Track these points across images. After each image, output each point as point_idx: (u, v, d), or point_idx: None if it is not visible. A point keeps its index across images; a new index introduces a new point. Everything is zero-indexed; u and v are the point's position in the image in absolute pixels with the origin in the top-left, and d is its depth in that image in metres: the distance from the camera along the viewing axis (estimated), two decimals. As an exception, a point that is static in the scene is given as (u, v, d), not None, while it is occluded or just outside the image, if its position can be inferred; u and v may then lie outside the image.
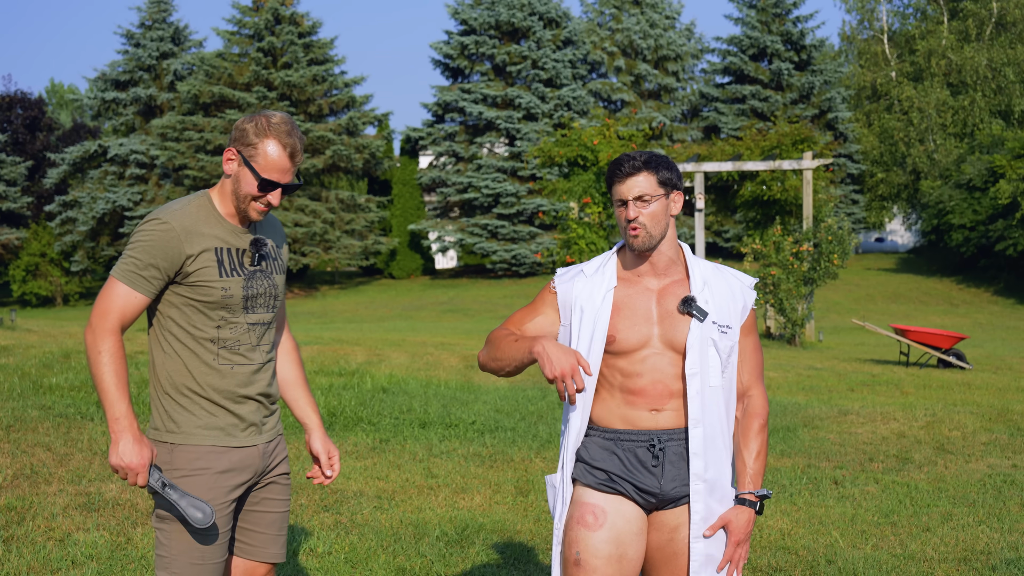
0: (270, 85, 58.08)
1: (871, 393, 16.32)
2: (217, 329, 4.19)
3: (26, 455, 9.49)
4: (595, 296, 4.30)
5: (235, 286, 4.18)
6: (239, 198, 4.18)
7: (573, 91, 61.09)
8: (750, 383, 4.38)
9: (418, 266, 64.77)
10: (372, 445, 11.03)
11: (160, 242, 4.08)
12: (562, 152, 28.44)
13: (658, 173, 4.24)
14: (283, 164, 4.14)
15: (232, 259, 4.20)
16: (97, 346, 4.08)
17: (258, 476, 4.31)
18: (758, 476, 4.30)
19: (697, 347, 4.21)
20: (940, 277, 57.10)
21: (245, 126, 4.16)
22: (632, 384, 4.26)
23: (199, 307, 4.16)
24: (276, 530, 4.40)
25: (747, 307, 4.36)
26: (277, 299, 4.34)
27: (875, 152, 68.36)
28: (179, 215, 4.15)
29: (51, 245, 59.74)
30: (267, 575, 4.44)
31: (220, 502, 4.16)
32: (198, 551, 4.14)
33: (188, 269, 4.11)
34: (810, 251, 28.12)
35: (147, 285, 4.10)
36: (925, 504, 9.07)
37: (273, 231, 4.44)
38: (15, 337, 19.79)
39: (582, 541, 4.21)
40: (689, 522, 4.25)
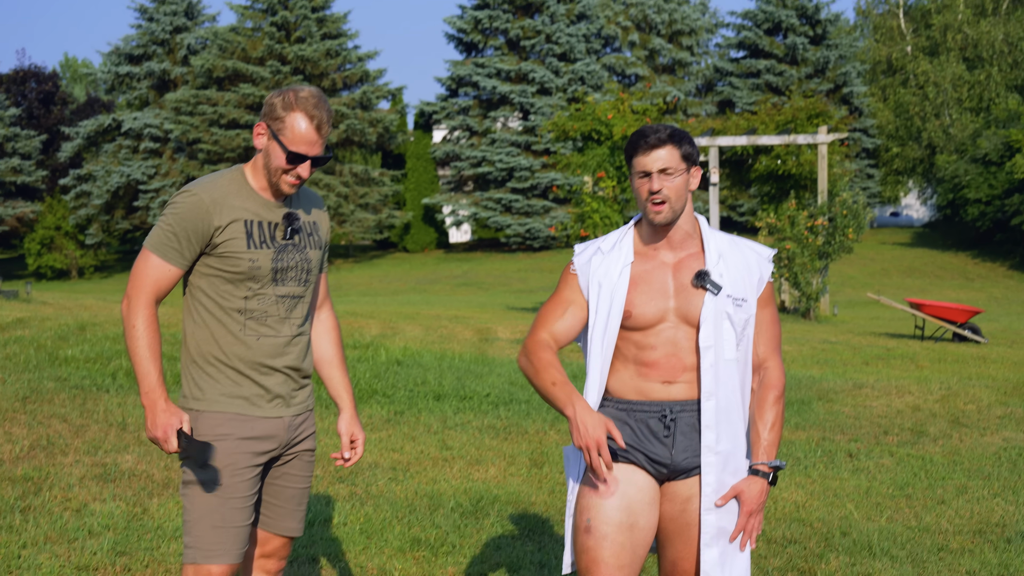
0: (283, 59, 58.03)
1: (886, 367, 16.30)
2: (244, 300, 4.22)
3: (42, 426, 9.53)
4: (612, 272, 4.29)
5: (263, 258, 4.20)
6: (270, 172, 4.21)
7: (587, 65, 60.91)
8: (766, 355, 4.37)
9: (432, 240, 64.77)
10: (387, 417, 11.05)
11: (189, 213, 4.14)
12: (576, 126, 28.36)
13: (681, 147, 4.22)
14: (310, 137, 4.16)
15: (263, 231, 4.22)
16: (131, 319, 4.15)
17: (283, 448, 4.33)
18: (772, 447, 4.29)
19: (711, 320, 4.21)
20: (955, 251, 56.95)
21: (274, 100, 4.19)
22: (646, 357, 4.26)
23: (227, 278, 4.19)
24: (295, 504, 4.42)
25: (763, 279, 4.35)
26: (310, 273, 4.34)
27: (890, 126, 68.09)
28: (209, 187, 4.20)
29: (66, 218, 59.86)
30: (282, 547, 4.46)
31: (241, 467, 4.19)
32: (219, 514, 4.16)
33: (216, 240, 4.15)
34: (825, 225, 28.06)
35: (178, 256, 4.16)
36: (940, 477, 9.07)
37: (313, 206, 4.45)
38: (31, 310, 19.84)
39: (593, 508, 4.21)
40: (700, 494, 4.25)
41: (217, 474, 4.16)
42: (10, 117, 60.66)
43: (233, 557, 4.19)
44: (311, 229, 4.38)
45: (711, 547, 4.23)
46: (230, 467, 4.17)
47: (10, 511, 7.19)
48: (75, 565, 6.21)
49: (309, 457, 4.45)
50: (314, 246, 4.38)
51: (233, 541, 4.19)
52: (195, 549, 4.17)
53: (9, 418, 9.71)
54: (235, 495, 4.18)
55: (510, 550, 6.80)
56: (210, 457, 4.13)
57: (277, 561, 4.48)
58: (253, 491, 4.24)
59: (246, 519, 4.23)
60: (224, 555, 4.17)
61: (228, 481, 4.17)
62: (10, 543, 6.55)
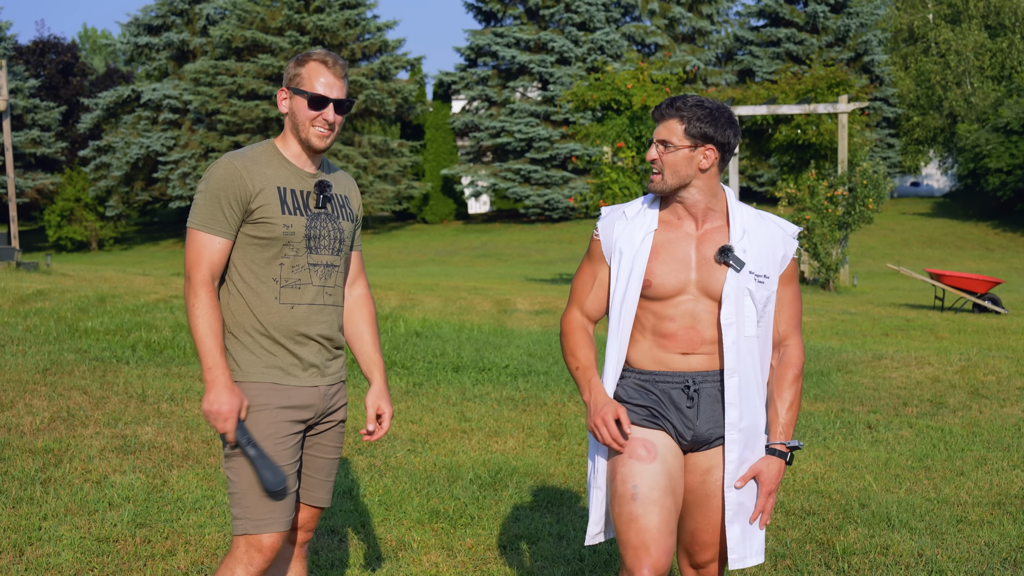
0: (302, 29, 57.89)
1: (905, 338, 16.26)
2: (280, 267, 4.27)
3: (63, 398, 9.57)
4: (634, 238, 4.28)
5: (297, 224, 4.26)
6: (299, 129, 4.29)
7: (606, 35, 60.68)
8: (787, 332, 4.35)
9: (451, 211, 64.72)
10: (406, 389, 11.07)
11: (225, 181, 4.20)
12: (595, 96, 28.28)
13: (688, 123, 4.17)
14: (329, 80, 4.27)
15: (296, 199, 4.29)
16: (190, 300, 4.20)
17: (318, 417, 4.38)
18: (789, 427, 4.30)
19: (733, 297, 4.19)
20: (976, 221, 56.71)
21: (289, 64, 4.34)
22: (664, 328, 4.25)
23: (262, 244, 4.24)
24: (324, 475, 4.47)
25: (787, 257, 4.32)
26: (343, 243, 4.40)
27: (911, 95, 67.73)
28: (240, 156, 4.27)
29: (85, 190, 59.94)
30: (310, 519, 4.51)
31: (282, 435, 4.25)
32: None
33: (252, 206, 4.21)
34: (845, 195, 27.96)
35: (224, 225, 4.21)
36: (959, 448, 9.05)
37: (344, 184, 4.53)
38: (51, 281, 19.91)
39: (638, 474, 4.18)
40: (723, 470, 4.25)
41: (265, 444, 4.22)
42: (29, 88, 60.69)
43: (283, 525, 4.25)
44: (342, 201, 4.45)
45: (734, 524, 4.25)
46: (271, 436, 4.23)
47: (31, 483, 7.23)
48: (95, 537, 6.25)
49: (341, 428, 4.51)
50: (346, 218, 4.43)
51: (282, 509, 4.25)
52: (246, 520, 4.23)
53: (29, 390, 9.76)
54: (279, 464, 4.23)
55: (528, 522, 6.81)
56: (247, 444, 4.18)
57: (305, 532, 4.52)
58: (295, 459, 4.30)
59: (292, 486, 4.28)
60: (274, 523, 4.23)
61: (272, 450, 4.22)
62: (31, 515, 6.58)
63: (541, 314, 18.05)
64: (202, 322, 4.16)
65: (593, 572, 5.95)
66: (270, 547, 4.24)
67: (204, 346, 4.15)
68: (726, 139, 4.19)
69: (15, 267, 24.30)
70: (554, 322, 16.78)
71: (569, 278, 32.34)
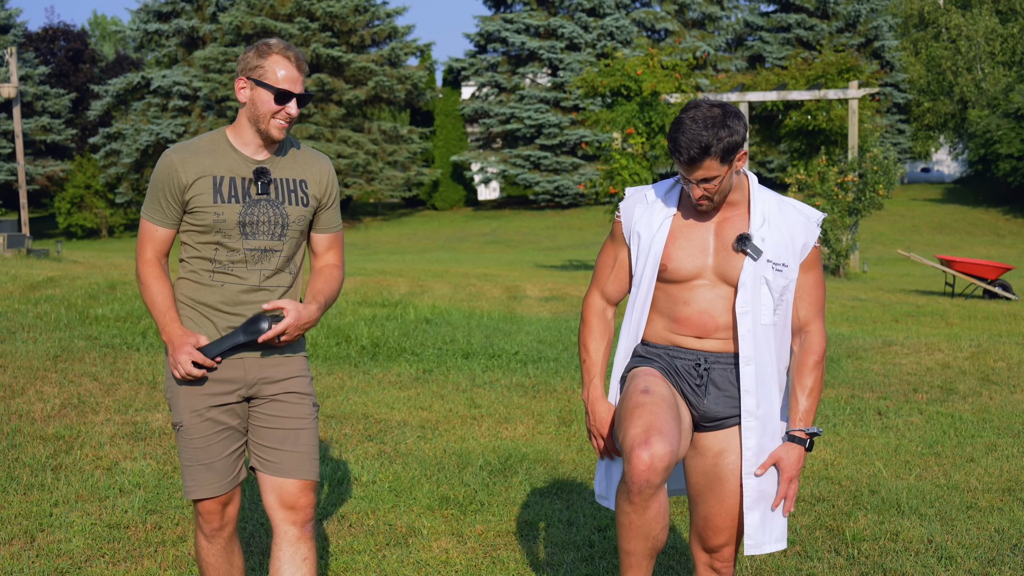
0: (312, 16, 57.85)
1: (916, 324, 16.24)
2: (214, 251, 4.40)
3: (73, 385, 9.59)
4: (653, 223, 4.30)
5: (229, 212, 4.35)
6: (259, 120, 4.36)
7: (616, 20, 60.56)
8: (808, 318, 4.34)
9: (460, 197, 64.70)
10: (415, 376, 11.07)
11: (161, 175, 4.37)
12: (605, 82, 28.22)
13: (722, 153, 4.08)
14: (292, 74, 4.34)
15: (234, 187, 4.37)
16: (139, 277, 4.48)
17: (248, 388, 4.44)
18: (809, 413, 4.29)
19: (750, 285, 4.19)
20: (987, 207, 56.58)
21: (247, 55, 4.38)
22: (678, 312, 4.27)
23: (198, 231, 4.39)
24: (289, 446, 4.45)
25: (808, 245, 4.30)
26: (286, 228, 4.44)
27: (922, 81, 67.54)
28: (181, 148, 4.41)
29: (95, 177, 60.01)
30: (299, 495, 4.45)
31: (199, 407, 4.40)
32: (188, 453, 4.45)
33: (186, 197, 4.36)
34: (855, 181, 27.92)
35: (162, 216, 4.41)
36: (969, 435, 9.04)
37: (308, 165, 4.56)
38: (61, 268, 19.94)
39: (651, 381, 4.24)
40: (741, 458, 4.26)
41: (182, 415, 4.42)
42: (39, 76, 60.74)
43: (208, 491, 4.45)
44: (294, 186, 4.48)
45: (753, 511, 4.25)
46: (186, 408, 4.41)
47: (42, 469, 7.25)
48: (106, 523, 6.26)
49: (293, 399, 4.50)
50: (296, 202, 4.47)
51: (204, 478, 4.43)
52: (184, 487, 4.48)
53: (40, 377, 9.78)
54: (196, 436, 4.41)
55: (538, 508, 6.82)
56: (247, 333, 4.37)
57: (300, 511, 4.45)
58: (217, 430, 4.42)
59: (212, 456, 4.43)
60: (198, 490, 4.44)
61: (188, 422, 4.41)
62: (42, 501, 6.60)
63: (551, 300, 18.05)
64: (151, 291, 4.41)
65: (603, 558, 5.95)
66: (204, 510, 4.48)
67: (157, 310, 4.40)
68: (745, 134, 4.16)
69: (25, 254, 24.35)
70: (564, 308, 16.79)
71: (579, 265, 32.35)
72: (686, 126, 4.08)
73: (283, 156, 4.50)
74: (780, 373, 4.32)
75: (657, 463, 3.98)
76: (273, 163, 4.46)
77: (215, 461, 4.42)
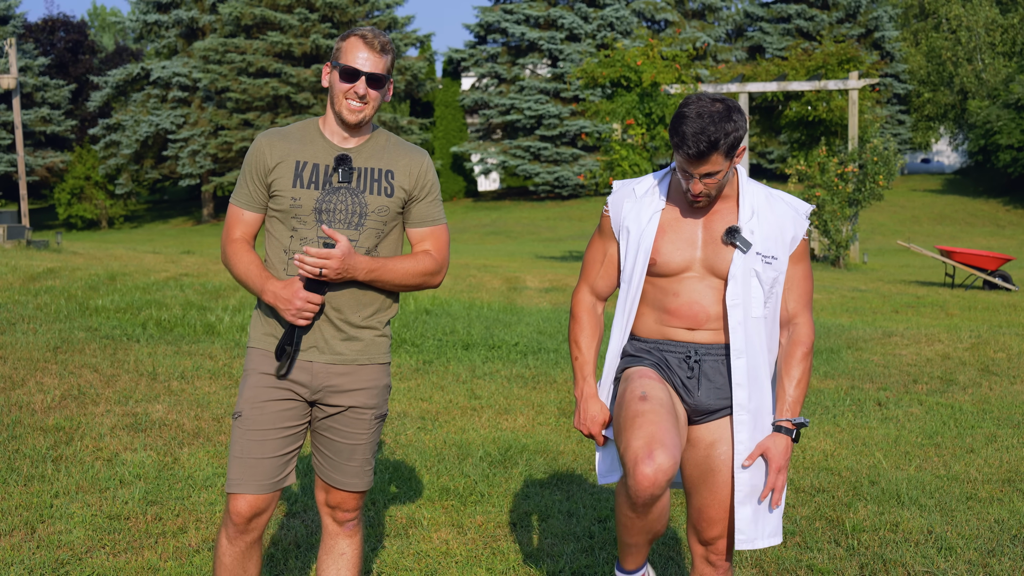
0: (311, 6, 57.78)
1: (916, 315, 16.24)
2: (290, 239, 4.31)
3: (73, 376, 9.59)
4: (642, 217, 4.28)
5: (306, 197, 4.28)
6: (334, 103, 4.32)
7: (616, 11, 60.51)
8: (796, 311, 4.33)
9: (460, 188, 64.69)
10: (416, 367, 11.07)
11: (250, 156, 4.36)
12: (605, 73, 28.21)
13: (727, 151, 4.06)
14: (365, 54, 4.27)
15: (315, 173, 4.31)
16: (225, 258, 4.41)
17: (312, 393, 4.34)
18: (796, 404, 4.29)
19: (740, 278, 4.18)
20: (986, 198, 56.56)
21: (336, 41, 4.37)
22: (668, 303, 4.27)
23: (278, 217, 4.33)
24: (344, 459, 4.43)
25: (797, 237, 4.29)
26: (364, 218, 4.31)
27: (922, 72, 67.52)
28: (273, 131, 4.41)
29: (95, 168, 60.01)
30: (344, 500, 4.49)
31: (260, 400, 4.30)
32: (239, 445, 4.31)
33: (269, 179, 4.32)
34: (855, 172, 27.92)
35: (249, 199, 4.35)
36: (969, 426, 9.04)
37: (398, 156, 4.43)
38: (61, 260, 19.95)
39: (648, 387, 4.23)
40: (733, 451, 4.26)
41: (243, 405, 4.32)
42: (39, 67, 60.73)
43: (252, 489, 4.28)
44: (378, 175, 4.37)
45: (745, 505, 4.25)
46: (249, 400, 4.30)
47: (42, 460, 7.25)
48: (107, 514, 6.26)
49: (357, 415, 4.42)
50: (379, 192, 4.35)
51: (252, 473, 4.28)
52: (227, 479, 4.34)
53: (40, 368, 9.78)
54: (254, 428, 4.29)
55: (538, 499, 6.82)
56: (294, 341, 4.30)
57: (344, 512, 4.51)
58: (276, 426, 4.31)
59: (265, 452, 4.29)
60: (241, 485, 4.28)
61: (248, 414, 4.30)
62: (42, 492, 6.60)
63: (551, 291, 18.05)
64: (240, 264, 4.33)
65: (603, 549, 5.96)
66: (237, 511, 4.29)
67: (250, 282, 4.31)
68: (746, 128, 4.13)
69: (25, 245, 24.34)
70: (564, 299, 16.79)
71: (579, 255, 32.32)
72: (692, 120, 4.03)
73: (372, 145, 4.41)
74: (771, 366, 4.32)
75: (660, 477, 4.01)
76: (359, 152, 4.36)
77: (267, 458, 4.30)
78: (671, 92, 28.44)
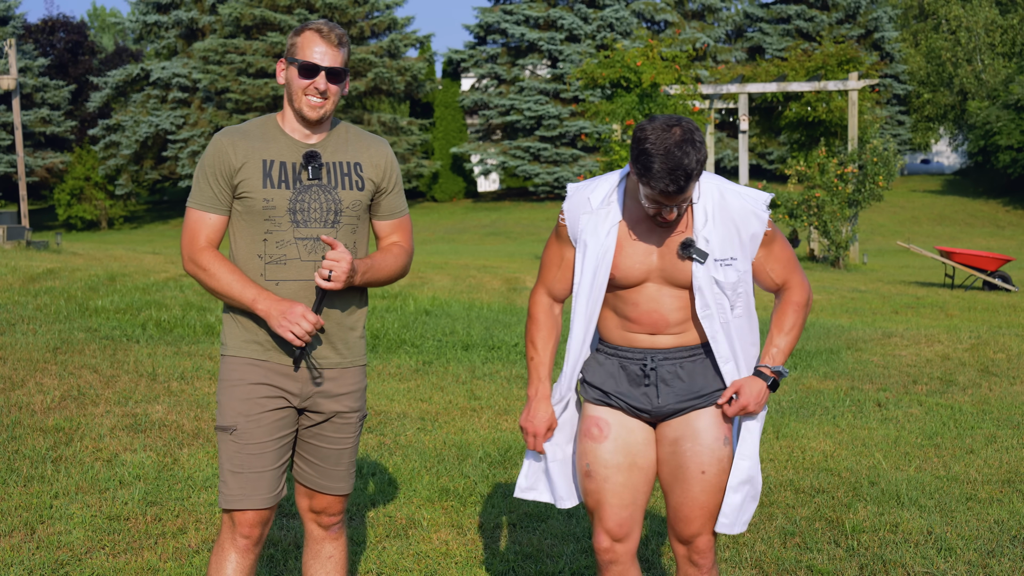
0: (311, 7, 57.79)
1: (915, 315, 16.24)
2: (264, 243, 4.18)
3: (73, 377, 9.59)
4: (600, 232, 4.21)
5: (279, 198, 4.16)
6: (293, 100, 4.20)
7: (616, 12, 60.50)
8: (784, 277, 4.34)
9: (460, 189, 64.68)
10: (415, 367, 11.08)
11: (212, 157, 4.18)
12: (605, 74, 28.22)
13: (698, 175, 3.96)
14: (323, 48, 4.17)
15: (284, 171, 4.19)
16: (197, 266, 4.20)
17: (302, 400, 4.26)
18: (780, 353, 4.30)
19: (705, 288, 4.15)
20: (986, 199, 56.56)
21: (288, 36, 4.25)
22: (628, 311, 4.27)
23: (247, 220, 4.18)
24: (332, 464, 4.36)
25: (757, 235, 4.21)
26: (340, 214, 4.24)
27: (922, 72, 67.54)
28: (232, 130, 4.24)
29: (95, 169, 59.97)
30: (330, 505, 4.42)
31: (255, 413, 4.18)
32: (237, 460, 4.19)
33: (235, 180, 4.17)
34: (855, 173, 27.93)
35: (214, 201, 4.19)
36: (969, 426, 9.05)
37: (363, 148, 4.37)
38: (61, 260, 19.95)
39: (590, 453, 4.32)
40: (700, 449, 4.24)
41: (236, 419, 4.18)
42: (39, 67, 60.71)
43: (256, 503, 4.19)
44: (348, 169, 4.29)
45: (737, 492, 4.25)
46: (243, 413, 4.17)
47: (42, 461, 7.25)
48: (106, 515, 6.27)
49: (345, 420, 4.36)
50: (351, 186, 4.27)
51: (254, 487, 4.19)
52: (222, 494, 4.22)
53: (40, 369, 9.78)
54: (251, 441, 4.18)
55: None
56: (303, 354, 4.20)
57: (328, 517, 4.45)
58: (273, 437, 4.21)
59: (266, 465, 4.20)
60: (245, 500, 4.18)
61: (244, 427, 4.17)
62: (42, 493, 6.61)
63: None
64: (219, 274, 4.15)
65: (602, 550, 5.95)
66: (245, 523, 4.21)
67: (234, 291, 4.14)
68: (703, 139, 4.05)
69: (25, 246, 24.34)
70: (563, 300, 16.79)
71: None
72: (661, 157, 3.91)
73: (335, 139, 4.33)
74: (752, 362, 4.32)
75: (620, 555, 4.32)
76: (324, 147, 4.27)
77: (268, 470, 4.21)
78: (671, 93, 28.44)
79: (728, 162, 60.39)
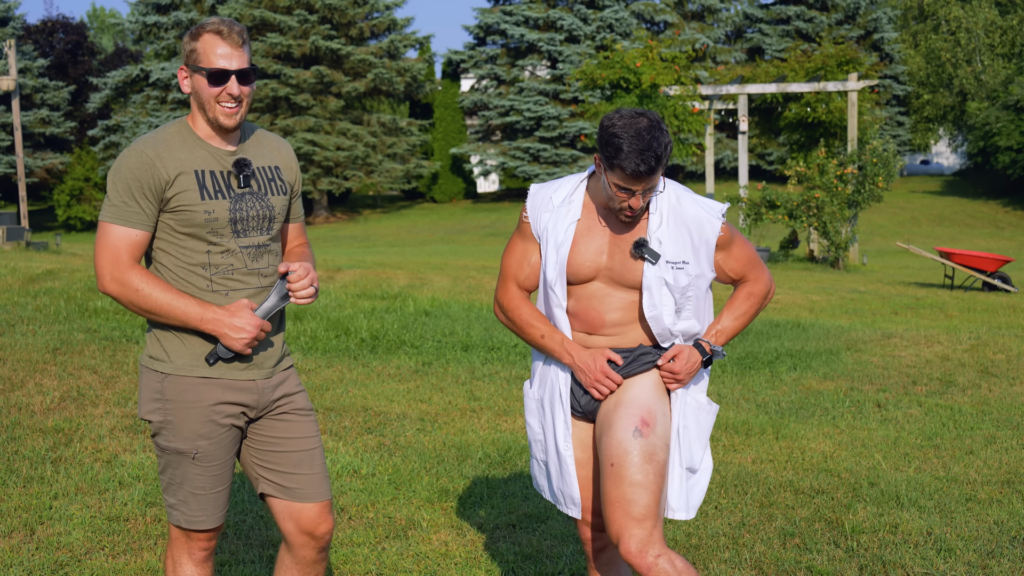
0: (311, 8, 57.82)
1: (915, 316, 16.24)
2: (207, 255, 3.99)
3: (73, 377, 9.59)
4: (559, 228, 4.28)
5: (220, 208, 3.97)
6: (205, 109, 3.99)
7: (615, 12, 60.54)
8: (742, 273, 4.43)
9: (460, 190, 64.70)
10: (415, 368, 11.08)
11: (136, 171, 3.92)
12: (604, 74, 28.24)
13: (665, 162, 4.06)
14: (226, 50, 3.95)
15: (216, 181, 3.99)
16: (124, 287, 3.95)
17: (260, 411, 4.14)
18: (723, 334, 4.39)
19: (654, 288, 4.19)
20: (986, 200, 56.57)
21: (184, 39, 4.03)
22: (571, 307, 4.35)
23: (186, 233, 3.97)
24: (308, 468, 4.18)
25: (711, 241, 4.26)
26: (273, 221, 4.11)
27: (921, 73, 67.57)
28: (152, 142, 3.98)
29: (95, 170, 59.97)
30: (318, 517, 4.19)
31: (216, 436, 4.05)
32: (199, 481, 4.08)
33: (168, 194, 3.93)
34: (854, 174, 27.92)
35: (140, 216, 3.94)
36: (968, 427, 9.04)
37: (274, 150, 4.24)
38: (61, 261, 19.94)
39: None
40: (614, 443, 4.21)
41: (195, 442, 4.03)
42: (38, 68, 60.71)
43: (217, 520, 4.15)
44: (271, 174, 4.15)
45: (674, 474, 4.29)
46: (205, 436, 4.03)
47: (41, 462, 7.25)
48: (106, 516, 6.26)
49: (302, 416, 4.22)
50: (277, 191, 4.13)
51: (215, 505, 4.12)
52: (180, 512, 4.11)
53: (40, 369, 9.78)
54: (213, 462, 4.07)
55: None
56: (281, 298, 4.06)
57: (322, 538, 4.22)
58: (230, 455, 4.12)
59: (225, 482, 4.13)
60: (207, 520, 4.12)
61: (206, 450, 4.04)
62: (42, 494, 6.61)
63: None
64: (154, 294, 3.92)
65: (602, 551, 5.95)
66: (203, 538, 4.17)
67: (176, 309, 3.92)
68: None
69: (25, 247, 24.35)
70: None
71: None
72: (631, 140, 3.99)
73: (254, 144, 4.16)
74: None
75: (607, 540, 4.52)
76: (244, 152, 4.09)
77: (225, 487, 4.12)
78: (670, 94, 28.46)
79: (728, 163, 60.44)
